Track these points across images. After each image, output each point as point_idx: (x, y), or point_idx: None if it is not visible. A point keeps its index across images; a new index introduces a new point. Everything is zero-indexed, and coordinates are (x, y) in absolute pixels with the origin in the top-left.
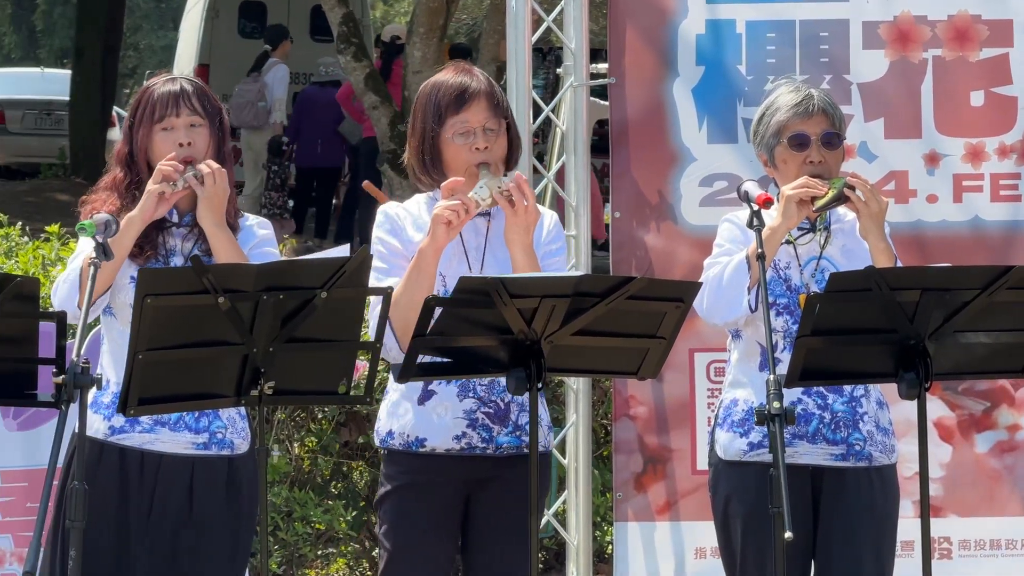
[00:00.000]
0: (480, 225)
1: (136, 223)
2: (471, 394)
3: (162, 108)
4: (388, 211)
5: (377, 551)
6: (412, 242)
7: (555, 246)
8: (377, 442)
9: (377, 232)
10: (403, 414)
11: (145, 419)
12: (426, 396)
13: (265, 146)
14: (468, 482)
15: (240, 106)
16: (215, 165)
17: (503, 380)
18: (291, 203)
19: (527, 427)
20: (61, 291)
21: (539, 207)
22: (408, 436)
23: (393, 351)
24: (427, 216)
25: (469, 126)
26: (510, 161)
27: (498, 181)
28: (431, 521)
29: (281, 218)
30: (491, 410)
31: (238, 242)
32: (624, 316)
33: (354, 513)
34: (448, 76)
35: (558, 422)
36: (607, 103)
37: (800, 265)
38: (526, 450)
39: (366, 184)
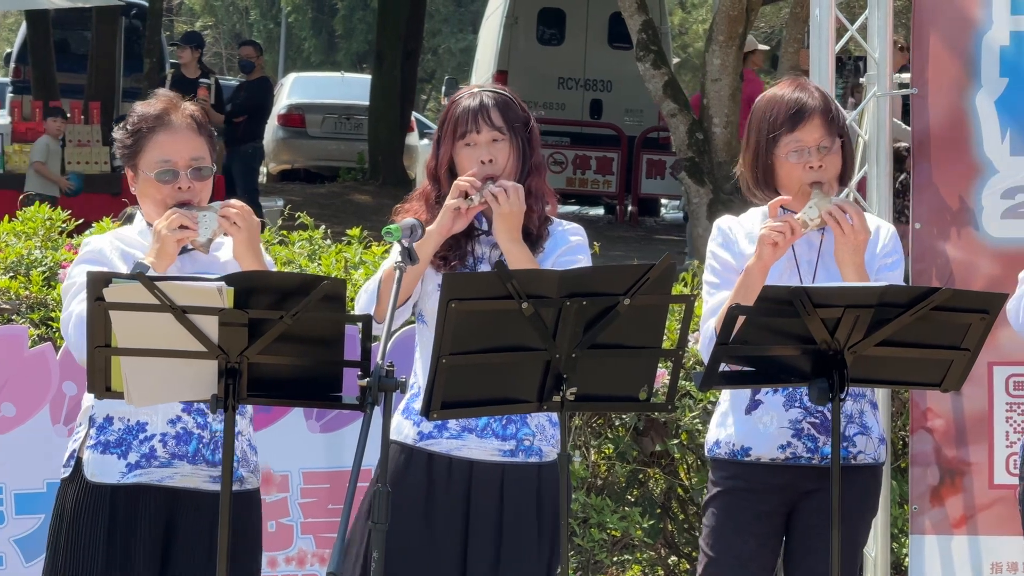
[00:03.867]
0: (814, 239)
1: (433, 237)
2: (798, 404)
3: (463, 124)
4: (721, 225)
5: (673, 558)
6: (744, 255)
7: (890, 260)
8: (706, 452)
9: (710, 246)
10: (730, 424)
11: (453, 425)
12: (753, 406)
13: None
14: (793, 492)
15: None
16: (510, 183)
17: None
18: None
19: (855, 439)
20: (361, 301)
21: (880, 221)
22: (734, 445)
23: None
24: (757, 228)
25: (803, 144)
26: (844, 177)
27: (828, 201)
28: (753, 528)
29: None
30: (817, 420)
31: (546, 249)
32: (928, 327)
33: (651, 521)
34: (784, 91)
35: None
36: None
37: None
38: (853, 462)
39: None
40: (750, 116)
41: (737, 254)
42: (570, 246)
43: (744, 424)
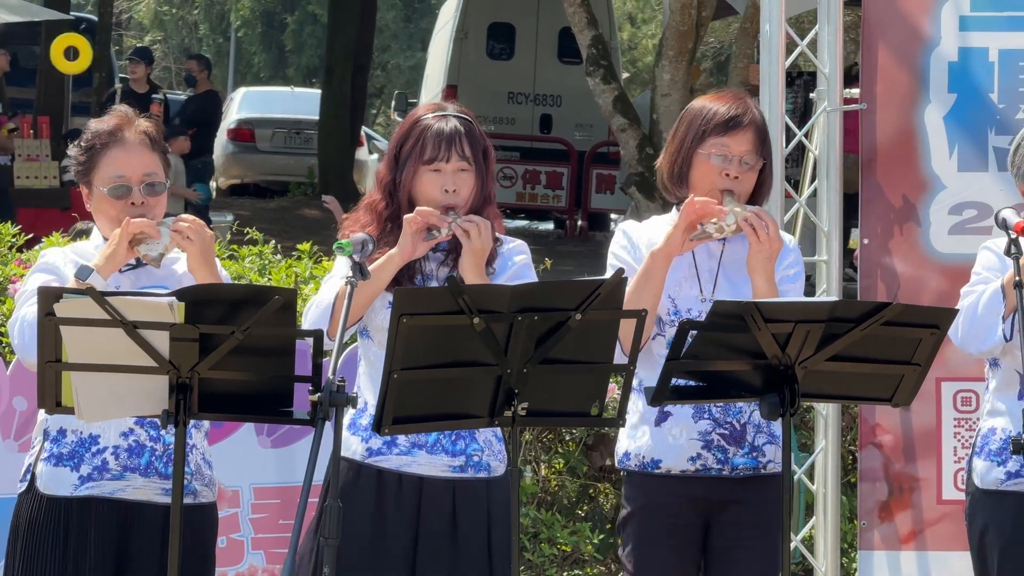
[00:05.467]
0: (714, 249)
1: (395, 261)
2: (706, 415)
3: (433, 150)
4: (626, 229)
5: (623, 574)
6: (643, 260)
7: (792, 271)
8: (616, 463)
9: (614, 248)
10: (640, 436)
11: (402, 441)
12: (662, 417)
13: None
14: (705, 503)
15: None
16: (480, 219)
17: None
18: None
19: (764, 448)
20: (312, 315)
21: (784, 236)
22: (644, 457)
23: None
24: (661, 236)
25: (729, 150)
26: (754, 201)
27: (744, 208)
28: (671, 542)
29: None
30: (726, 431)
31: (496, 269)
32: (879, 342)
33: (600, 536)
34: (725, 101)
35: (806, 448)
36: None
37: None
38: (763, 471)
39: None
40: (684, 112)
41: (639, 259)
42: (517, 268)
43: (654, 436)
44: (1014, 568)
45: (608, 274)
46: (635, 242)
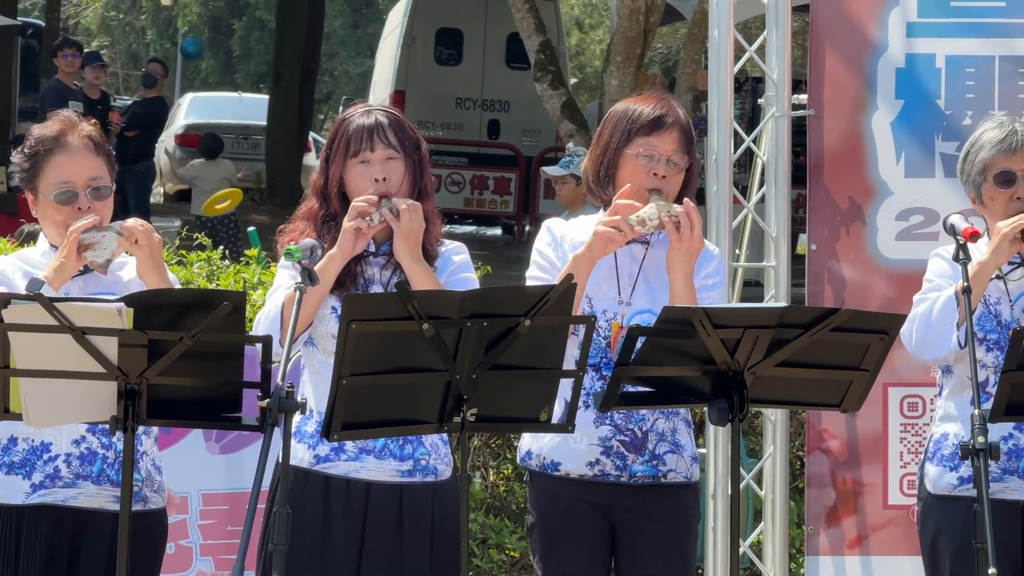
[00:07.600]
0: (637, 252)
1: (337, 260)
2: (608, 421)
3: (357, 143)
4: (552, 227)
5: None
6: (567, 259)
7: (712, 281)
8: (518, 460)
9: (538, 245)
10: (542, 437)
11: (350, 447)
12: None
13: None
14: (606, 509)
15: None
16: (410, 201)
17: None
18: None
19: (665, 457)
20: (262, 327)
21: (708, 244)
22: (544, 459)
23: None
24: (586, 236)
25: (655, 150)
26: (680, 201)
27: (668, 206)
28: (578, 546)
29: None
30: (627, 438)
31: (437, 268)
32: (827, 348)
33: None
34: (649, 102)
35: (754, 453)
36: None
37: (1011, 300)
38: (663, 480)
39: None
40: (608, 115)
41: (563, 257)
42: (457, 265)
43: (556, 438)
44: (965, 572)
45: (528, 269)
46: (559, 240)
